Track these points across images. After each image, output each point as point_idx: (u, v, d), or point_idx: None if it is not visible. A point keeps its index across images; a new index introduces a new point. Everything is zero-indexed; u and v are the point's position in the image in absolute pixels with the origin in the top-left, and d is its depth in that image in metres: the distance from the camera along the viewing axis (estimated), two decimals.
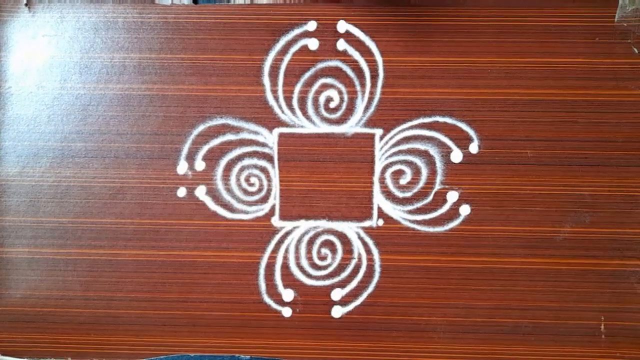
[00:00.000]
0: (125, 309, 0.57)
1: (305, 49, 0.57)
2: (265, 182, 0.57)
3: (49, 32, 0.58)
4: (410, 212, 0.56)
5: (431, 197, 0.56)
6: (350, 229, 0.57)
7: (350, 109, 0.57)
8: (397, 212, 0.56)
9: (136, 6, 0.57)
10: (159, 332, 0.57)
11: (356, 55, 0.57)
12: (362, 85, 0.57)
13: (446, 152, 0.56)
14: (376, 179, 0.57)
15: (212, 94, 0.57)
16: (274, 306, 0.57)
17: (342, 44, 0.57)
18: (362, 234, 0.57)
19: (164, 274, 0.57)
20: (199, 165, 0.57)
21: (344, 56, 0.57)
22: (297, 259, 0.57)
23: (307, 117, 0.57)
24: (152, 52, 0.57)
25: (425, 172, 0.56)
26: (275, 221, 0.57)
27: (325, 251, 0.57)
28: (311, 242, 0.57)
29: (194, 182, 0.57)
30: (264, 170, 0.57)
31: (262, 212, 0.57)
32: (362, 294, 0.57)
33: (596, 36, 0.56)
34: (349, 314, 0.57)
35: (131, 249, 0.57)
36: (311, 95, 0.57)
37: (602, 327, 0.56)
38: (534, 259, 0.56)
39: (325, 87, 0.57)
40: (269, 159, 0.57)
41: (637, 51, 0.55)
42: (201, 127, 0.57)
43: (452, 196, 0.56)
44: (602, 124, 0.56)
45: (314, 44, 0.57)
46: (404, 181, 0.56)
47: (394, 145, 0.56)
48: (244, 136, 0.57)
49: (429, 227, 0.56)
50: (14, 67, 0.58)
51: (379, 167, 0.56)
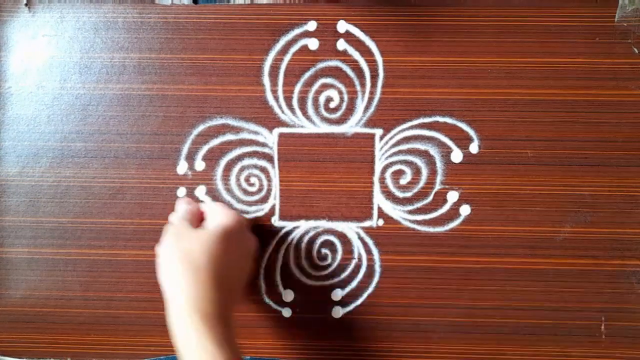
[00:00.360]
0: (125, 309, 0.57)
1: (305, 49, 0.57)
2: (265, 182, 0.57)
3: (49, 32, 0.58)
4: (410, 212, 0.56)
5: (431, 197, 0.56)
6: (350, 229, 0.57)
7: (350, 109, 0.57)
8: (397, 212, 0.56)
9: (136, 6, 0.57)
10: (159, 332, 0.56)
11: (356, 55, 0.57)
12: (362, 85, 0.56)
13: (446, 152, 0.56)
14: (376, 179, 0.56)
15: (212, 94, 0.57)
16: (274, 306, 0.57)
17: (342, 44, 0.57)
18: (362, 234, 0.57)
19: None
20: (199, 165, 0.57)
21: (344, 56, 0.57)
22: (297, 259, 0.57)
23: (307, 117, 0.57)
24: (152, 52, 0.57)
25: (425, 172, 0.56)
26: (275, 221, 0.57)
27: (325, 251, 0.57)
28: (311, 242, 0.57)
29: (194, 182, 0.57)
30: (263, 170, 0.57)
31: (262, 212, 0.57)
32: (362, 294, 0.57)
33: (596, 36, 0.56)
34: (349, 314, 0.57)
35: (131, 249, 0.57)
36: (311, 95, 0.57)
37: (602, 327, 0.55)
38: (534, 259, 0.56)
39: (325, 87, 0.57)
40: (269, 159, 0.57)
41: (637, 51, 0.55)
42: (201, 127, 0.57)
43: (452, 196, 0.56)
44: (602, 124, 0.56)
45: (314, 44, 0.57)
46: (404, 181, 0.56)
47: (394, 145, 0.56)
48: (244, 136, 0.57)
49: (429, 227, 0.56)
50: (14, 67, 0.58)
51: (379, 167, 0.56)
